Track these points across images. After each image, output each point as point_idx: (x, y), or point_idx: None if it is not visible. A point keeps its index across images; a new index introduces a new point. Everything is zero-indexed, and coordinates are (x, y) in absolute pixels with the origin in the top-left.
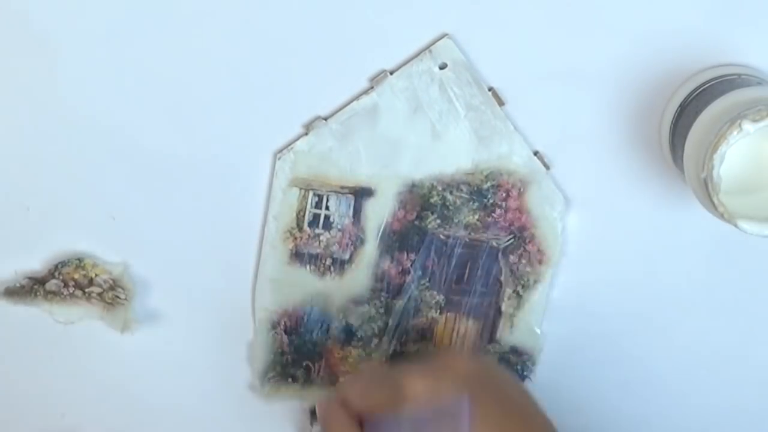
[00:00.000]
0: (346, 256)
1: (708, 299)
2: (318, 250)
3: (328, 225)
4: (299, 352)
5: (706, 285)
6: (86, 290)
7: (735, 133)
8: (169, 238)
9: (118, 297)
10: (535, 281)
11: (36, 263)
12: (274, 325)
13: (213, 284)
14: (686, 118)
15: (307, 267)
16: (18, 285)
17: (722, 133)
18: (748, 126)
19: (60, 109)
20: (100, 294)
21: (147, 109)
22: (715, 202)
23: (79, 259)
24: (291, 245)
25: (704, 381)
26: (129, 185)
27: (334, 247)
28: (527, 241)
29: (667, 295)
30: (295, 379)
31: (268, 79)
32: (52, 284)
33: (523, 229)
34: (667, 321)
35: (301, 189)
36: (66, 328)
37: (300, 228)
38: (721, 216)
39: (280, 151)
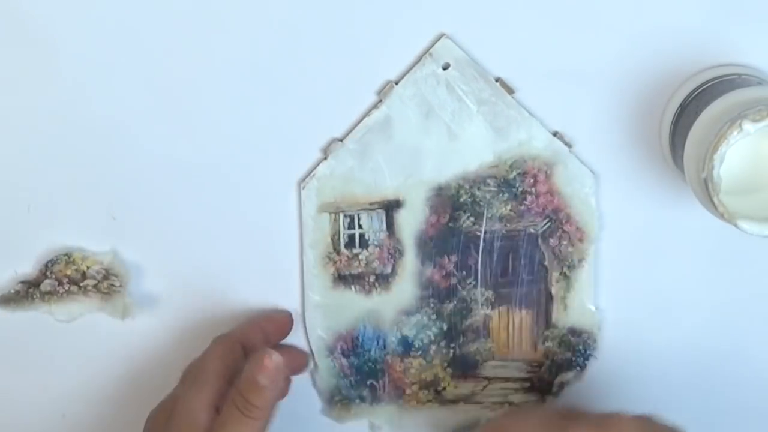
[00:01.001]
0: (389, 270)
1: (708, 299)
2: (359, 270)
3: (364, 243)
4: (361, 372)
5: (706, 285)
6: (81, 284)
7: (735, 133)
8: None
9: (113, 285)
10: (580, 260)
11: (26, 266)
12: (332, 350)
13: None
14: (686, 118)
15: (352, 288)
16: (13, 291)
17: (722, 133)
18: (748, 126)
19: (62, 111)
20: (95, 285)
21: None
22: (715, 202)
23: (68, 254)
24: (332, 270)
25: (703, 381)
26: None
27: (375, 264)
28: (564, 221)
29: (666, 295)
30: (362, 399)
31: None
32: (46, 284)
33: (557, 210)
34: (666, 321)
35: (330, 213)
36: (67, 325)
37: (337, 251)
38: (721, 216)
39: (303, 180)
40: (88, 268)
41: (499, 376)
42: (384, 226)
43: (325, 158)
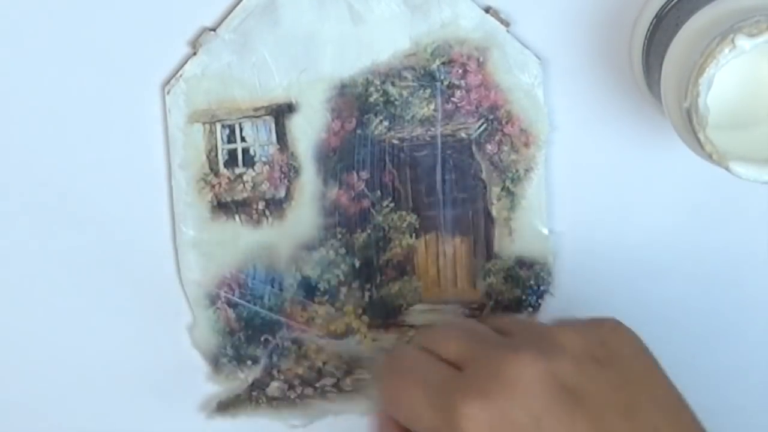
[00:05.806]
0: (282, 193)
1: (692, 255)
2: (245, 194)
3: (249, 160)
4: (252, 326)
5: (689, 238)
6: None
7: (726, 50)
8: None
9: None
10: (527, 170)
11: None
12: (213, 299)
13: (130, 266)
14: (664, 31)
15: (236, 218)
16: None
17: (710, 50)
18: (742, 42)
19: None
20: None
21: None
22: (701, 138)
23: None
24: (209, 196)
25: (676, 322)
26: None
27: (264, 186)
28: (504, 121)
29: (643, 250)
30: (255, 360)
31: None
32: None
33: (495, 108)
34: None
35: (204, 124)
36: None
37: (215, 172)
38: (709, 156)
39: (167, 82)
40: None
41: (430, 323)
42: (273, 137)
43: (195, 53)
